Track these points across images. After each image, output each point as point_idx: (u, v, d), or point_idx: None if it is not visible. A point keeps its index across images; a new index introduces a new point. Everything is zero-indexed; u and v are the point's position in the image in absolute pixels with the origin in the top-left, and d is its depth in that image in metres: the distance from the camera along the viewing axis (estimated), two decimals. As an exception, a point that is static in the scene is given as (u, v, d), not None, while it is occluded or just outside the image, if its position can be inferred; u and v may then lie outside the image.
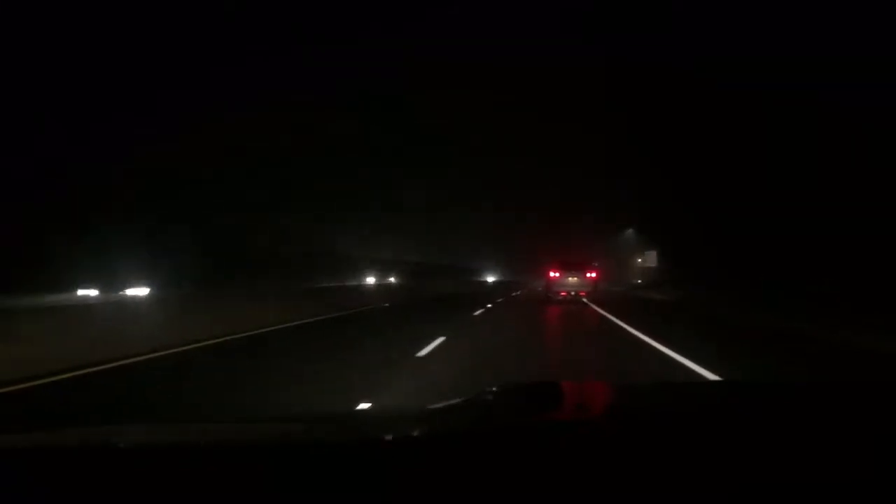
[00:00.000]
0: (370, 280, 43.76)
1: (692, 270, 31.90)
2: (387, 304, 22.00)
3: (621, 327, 12.91)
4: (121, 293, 23.85)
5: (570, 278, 23.92)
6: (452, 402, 1.71)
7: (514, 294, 35.30)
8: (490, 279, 78.80)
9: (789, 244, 22.72)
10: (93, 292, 23.08)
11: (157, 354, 8.13)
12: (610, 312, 17.05)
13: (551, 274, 24.21)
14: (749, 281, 24.79)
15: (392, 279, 47.11)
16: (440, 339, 9.71)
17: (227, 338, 10.25)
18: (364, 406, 4.83)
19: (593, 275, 24.41)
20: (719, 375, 6.48)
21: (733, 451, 1.14)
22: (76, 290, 22.87)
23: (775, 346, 10.17)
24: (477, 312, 17.36)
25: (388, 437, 1.37)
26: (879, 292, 15.22)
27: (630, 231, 61.15)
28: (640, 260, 59.67)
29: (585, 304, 22.00)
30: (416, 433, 1.41)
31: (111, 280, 24.19)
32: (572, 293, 23.69)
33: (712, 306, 20.41)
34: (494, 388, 1.78)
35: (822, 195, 20.72)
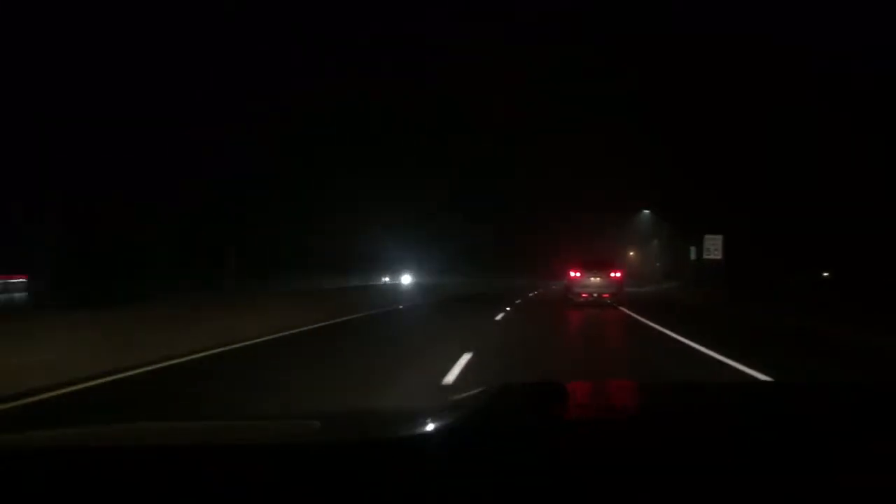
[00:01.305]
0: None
1: (734, 263, 28.46)
2: None
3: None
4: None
5: (592, 279, 22.44)
6: (452, 401, 1.71)
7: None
8: (406, 280, 49.13)
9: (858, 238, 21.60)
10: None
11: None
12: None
13: (572, 274, 22.94)
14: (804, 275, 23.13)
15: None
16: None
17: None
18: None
19: (618, 275, 22.94)
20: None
21: (733, 453, 1.14)
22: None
23: None
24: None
25: (387, 437, 1.37)
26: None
27: (646, 213, 54.25)
28: (650, 250, 51.67)
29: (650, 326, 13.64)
30: (415, 433, 1.41)
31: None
32: (594, 295, 22.30)
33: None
34: (496, 388, 1.77)
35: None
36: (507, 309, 19.41)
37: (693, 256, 33.30)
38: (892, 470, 1.06)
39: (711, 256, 28.62)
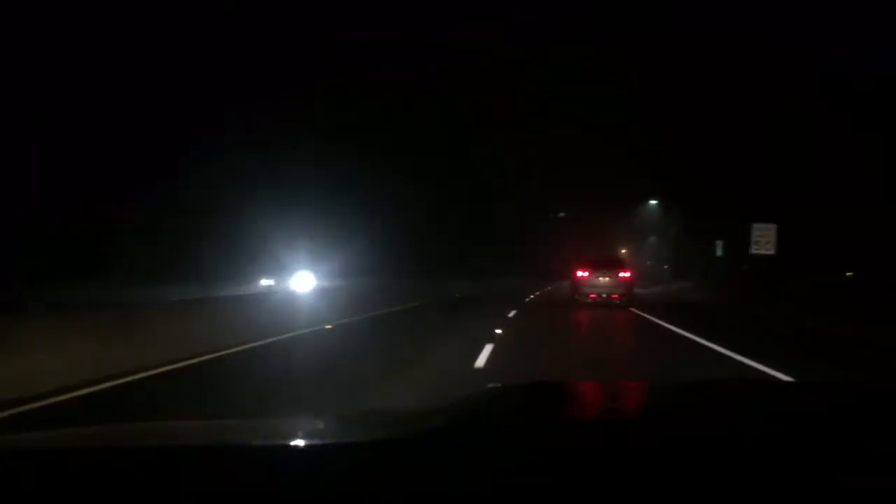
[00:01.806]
0: None
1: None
2: None
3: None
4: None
5: (601, 278, 21.66)
6: (452, 402, 1.71)
7: None
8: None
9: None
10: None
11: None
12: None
13: (579, 274, 22.19)
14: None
15: None
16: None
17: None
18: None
19: (627, 275, 22.09)
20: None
21: (732, 453, 1.14)
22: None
23: None
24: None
25: (387, 437, 1.36)
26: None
27: (650, 206, 51.77)
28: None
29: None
30: (415, 433, 1.40)
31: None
32: (603, 296, 21.56)
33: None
34: (496, 389, 1.77)
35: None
36: (498, 332, 11.24)
37: (720, 252, 29.23)
38: (892, 470, 1.06)
39: (762, 251, 22.25)
